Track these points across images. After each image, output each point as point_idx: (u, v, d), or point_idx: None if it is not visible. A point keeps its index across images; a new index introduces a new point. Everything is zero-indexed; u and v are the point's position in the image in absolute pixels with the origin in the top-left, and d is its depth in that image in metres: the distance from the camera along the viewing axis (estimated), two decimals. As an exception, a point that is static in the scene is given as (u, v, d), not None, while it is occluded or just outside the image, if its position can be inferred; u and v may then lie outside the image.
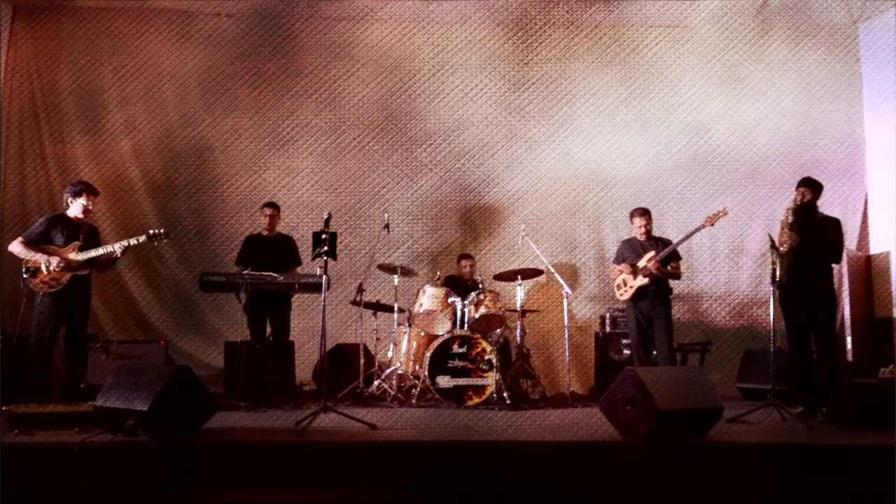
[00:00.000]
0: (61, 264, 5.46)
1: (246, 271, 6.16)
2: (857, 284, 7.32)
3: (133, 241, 5.62)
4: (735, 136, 7.79)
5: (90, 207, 5.70)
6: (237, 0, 7.70)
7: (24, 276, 5.44)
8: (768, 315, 5.56)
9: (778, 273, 5.33)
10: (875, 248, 7.54)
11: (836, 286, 6.16)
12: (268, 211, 6.65)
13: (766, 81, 7.81)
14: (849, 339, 6.99)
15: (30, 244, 5.52)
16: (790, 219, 5.46)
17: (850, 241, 7.58)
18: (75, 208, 5.65)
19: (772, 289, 5.45)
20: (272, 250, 6.55)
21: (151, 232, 5.74)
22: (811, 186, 5.61)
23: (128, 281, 7.55)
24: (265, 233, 6.68)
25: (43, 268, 5.43)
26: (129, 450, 4.17)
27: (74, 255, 5.52)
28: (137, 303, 7.60)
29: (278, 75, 7.79)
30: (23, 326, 5.62)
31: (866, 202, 7.66)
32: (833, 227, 5.62)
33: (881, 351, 6.72)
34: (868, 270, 7.50)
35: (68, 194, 5.69)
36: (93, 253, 5.54)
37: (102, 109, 7.67)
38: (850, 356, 6.93)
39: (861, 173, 7.71)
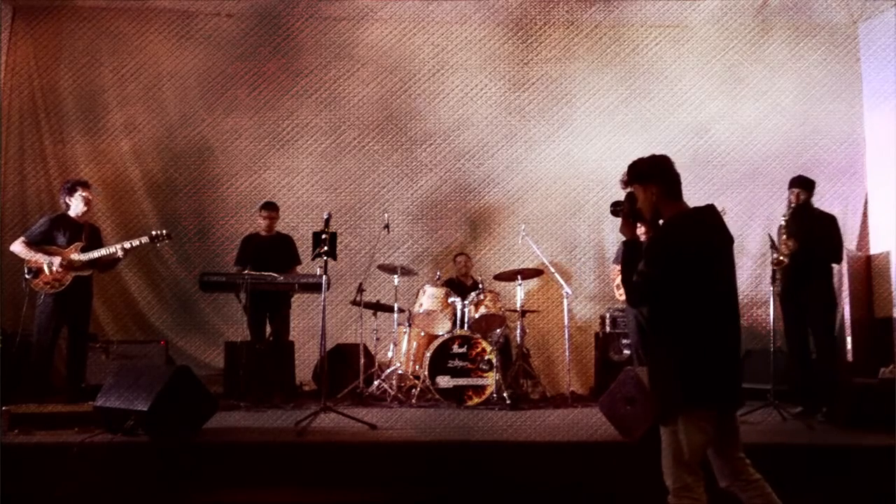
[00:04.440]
0: (63, 264, 5.46)
1: (246, 271, 6.16)
2: (857, 284, 7.31)
3: (135, 243, 5.63)
4: (735, 136, 7.77)
5: (90, 197, 5.71)
6: (237, 0, 7.70)
7: (26, 276, 5.44)
8: (768, 315, 5.58)
9: (778, 278, 5.37)
10: (875, 248, 7.53)
11: (835, 286, 6.17)
12: (266, 213, 6.64)
13: (766, 81, 7.80)
14: (849, 339, 6.99)
15: (31, 244, 5.51)
16: (784, 225, 5.49)
17: (850, 241, 7.57)
18: (76, 204, 5.65)
19: (772, 289, 5.46)
20: (271, 250, 6.54)
21: (154, 233, 5.77)
22: (804, 186, 5.63)
23: (128, 281, 7.55)
24: (263, 233, 6.68)
25: (45, 268, 5.43)
26: (129, 450, 4.17)
27: (77, 256, 5.52)
28: (137, 303, 7.59)
29: (278, 75, 7.78)
30: (24, 327, 5.62)
31: (866, 202, 7.65)
32: (832, 226, 5.62)
33: (881, 351, 6.71)
34: (868, 270, 7.49)
35: (64, 194, 5.71)
36: (95, 254, 5.55)
37: (102, 109, 7.66)
38: (850, 356, 6.93)
39: (861, 173, 7.70)
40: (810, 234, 5.43)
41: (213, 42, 7.72)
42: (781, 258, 5.40)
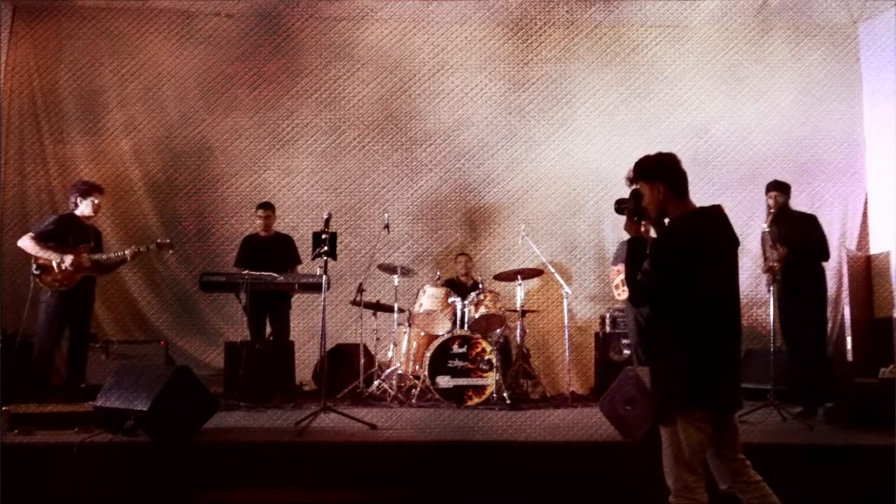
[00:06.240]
0: (74, 263, 5.46)
1: (246, 271, 6.16)
2: (857, 284, 7.32)
3: (143, 248, 5.71)
4: (735, 136, 7.76)
5: (99, 204, 5.74)
6: (237, 0, 7.70)
7: (35, 272, 5.43)
8: (768, 315, 5.58)
9: (777, 279, 5.40)
10: (875, 248, 7.54)
11: (832, 286, 6.19)
12: (261, 213, 6.66)
13: (766, 81, 7.79)
14: (849, 339, 6.99)
15: (40, 241, 5.50)
16: (769, 232, 5.51)
17: (850, 241, 7.57)
18: (85, 207, 5.65)
19: (772, 289, 5.47)
20: (270, 250, 6.55)
21: (160, 241, 5.88)
22: (781, 189, 5.66)
23: (128, 281, 7.54)
24: (262, 233, 6.68)
25: (54, 266, 5.43)
26: (129, 450, 4.18)
27: (87, 256, 5.53)
28: (137, 303, 7.60)
29: (278, 75, 7.78)
30: (26, 327, 5.61)
31: (866, 202, 7.65)
32: (813, 225, 5.65)
33: (881, 351, 6.71)
34: (868, 270, 7.49)
35: (77, 194, 5.67)
36: (104, 256, 5.59)
37: (102, 109, 7.66)
38: (850, 356, 6.93)
39: (861, 173, 7.70)
40: (794, 236, 5.47)
41: (213, 42, 7.72)
42: (773, 264, 5.44)
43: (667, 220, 2.97)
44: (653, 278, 2.84)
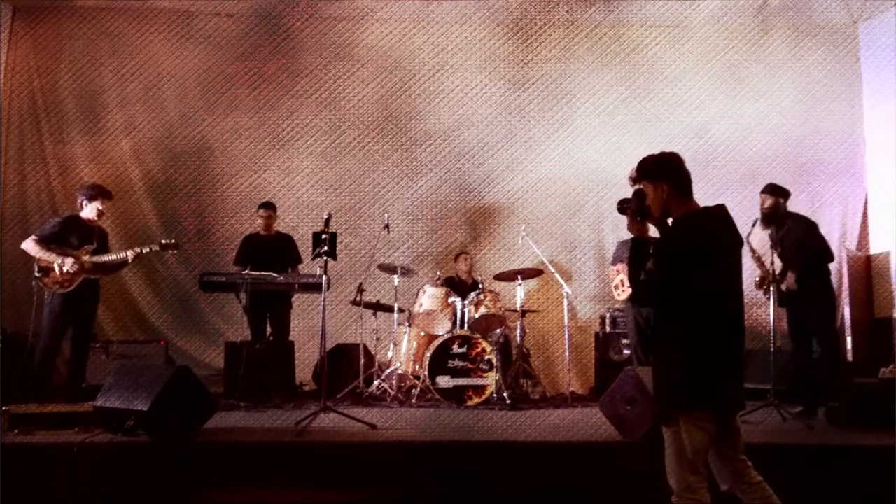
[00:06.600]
0: (76, 266, 5.46)
1: (246, 271, 6.16)
2: (857, 284, 7.32)
3: (146, 249, 5.69)
4: (735, 136, 7.76)
5: (103, 211, 5.74)
6: (237, 0, 7.70)
7: (36, 274, 5.44)
8: (768, 315, 5.58)
9: (773, 278, 5.41)
10: (875, 248, 7.54)
11: (835, 286, 6.18)
12: (262, 212, 6.66)
13: (766, 81, 7.79)
14: (849, 339, 6.99)
15: (43, 243, 5.51)
16: (752, 241, 5.52)
17: (850, 241, 7.57)
18: (90, 211, 5.67)
19: (772, 289, 5.47)
20: (271, 250, 6.55)
21: (164, 241, 5.83)
22: (771, 192, 5.68)
23: (128, 281, 7.54)
24: (263, 232, 6.69)
25: (56, 268, 5.43)
26: (129, 450, 4.17)
27: (88, 258, 5.53)
28: (137, 303, 7.60)
29: (278, 75, 7.78)
30: (35, 328, 5.60)
31: (866, 202, 7.65)
32: (811, 229, 5.65)
33: (881, 351, 6.71)
34: (868, 270, 7.49)
35: (83, 197, 5.69)
36: (106, 257, 5.58)
37: (102, 109, 7.66)
38: (850, 356, 6.93)
39: (861, 173, 7.70)
40: (788, 239, 5.48)
41: (213, 42, 7.72)
42: (768, 272, 5.46)
43: (670, 220, 2.96)
44: (656, 278, 2.83)
